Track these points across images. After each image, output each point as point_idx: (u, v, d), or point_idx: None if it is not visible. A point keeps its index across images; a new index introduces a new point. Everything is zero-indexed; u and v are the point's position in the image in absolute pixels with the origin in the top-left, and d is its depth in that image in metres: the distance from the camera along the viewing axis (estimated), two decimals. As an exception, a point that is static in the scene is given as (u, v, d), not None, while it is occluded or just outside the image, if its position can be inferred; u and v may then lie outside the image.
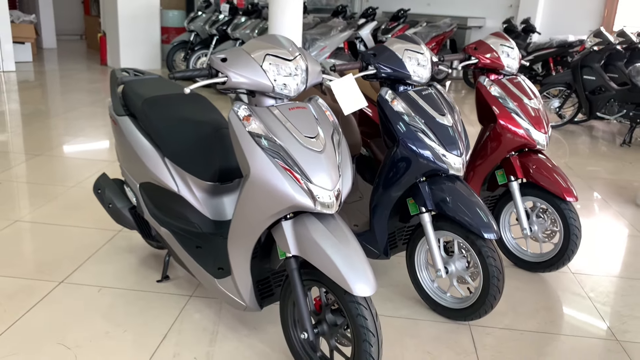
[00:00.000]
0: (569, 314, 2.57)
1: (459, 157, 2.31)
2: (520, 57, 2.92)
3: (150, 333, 2.26)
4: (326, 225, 1.85)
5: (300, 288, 1.89)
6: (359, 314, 1.78)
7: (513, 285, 2.81)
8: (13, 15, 8.92)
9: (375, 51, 2.36)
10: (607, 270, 3.03)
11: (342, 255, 1.77)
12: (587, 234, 3.52)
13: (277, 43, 1.90)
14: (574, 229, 2.73)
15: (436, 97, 2.40)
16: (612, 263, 3.13)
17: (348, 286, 1.74)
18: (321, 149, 1.84)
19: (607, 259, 3.17)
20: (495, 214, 3.02)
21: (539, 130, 2.76)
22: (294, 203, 1.77)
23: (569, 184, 2.73)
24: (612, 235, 3.52)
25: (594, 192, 4.34)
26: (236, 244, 1.95)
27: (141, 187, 2.45)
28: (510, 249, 3.00)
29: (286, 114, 1.85)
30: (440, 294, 2.51)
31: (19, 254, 2.84)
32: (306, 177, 1.78)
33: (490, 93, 2.80)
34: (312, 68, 1.96)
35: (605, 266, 3.08)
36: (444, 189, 2.32)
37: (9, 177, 3.92)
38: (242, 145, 1.80)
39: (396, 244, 2.63)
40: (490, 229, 2.24)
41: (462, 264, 2.41)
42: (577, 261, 3.12)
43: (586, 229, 3.60)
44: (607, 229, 3.62)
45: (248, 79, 1.82)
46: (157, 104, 2.43)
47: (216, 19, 7.77)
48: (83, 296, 2.50)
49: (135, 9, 8.94)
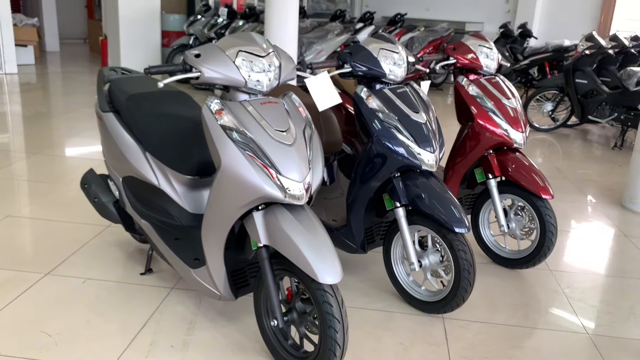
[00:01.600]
0: (543, 309, 2.62)
1: (432, 153, 2.37)
2: (499, 58, 2.98)
3: (130, 322, 2.33)
4: (295, 216, 1.91)
5: (271, 277, 1.96)
6: (324, 300, 1.84)
7: (491, 281, 2.86)
8: (16, 18, 9.05)
9: (351, 50, 2.43)
10: (585, 268, 3.08)
11: (309, 245, 1.84)
12: (570, 233, 3.57)
13: (250, 40, 1.98)
14: (549, 226, 2.78)
15: (411, 96, 2.46)
16: (592, 261, 3.17)
17: (314, 274, 1.80)
18: (291, 142, 1.90)
19: (586, 257, 3.22)
20: (474, 211, 3.08)
21: (516, 129, 2.82)
22: (263, 194, 1.84)
23: (546, 182, 2.79)
24: (594, 235, 3.56)
25: (581, 193, 4.38)
26: (209, 235, 2.01)
27: (124, 181, 2.52)
28: (489, 245, 3.06)
29: (258, 108, 1.92)
30: (415, 288, 2.57)
31: (8, 247, 2.91)
32: (276, 169, 1.84)
33: (468, 93, 2.86)
34: (286, 65, 2.03)
35: (584, 264, 3.13)
36: (417, 185, 2.38)
37: (5, 174, 4.00)
38: (214, 138, 1.87)
39: (374, 239, 2.69)
40: (462, 224, 2.30)
41: (436, 257, 2.46)
42: (556, 258, 3.17)
43: (569, 228, 3.65)
44: (590, 228, 3.67)
45: (221, 74, 1.89)
46: (141, 101, 2.50)
47: (215, 22, 7.87)
48: (68, 287, 2.57)
49: (136, 13, 9.04)
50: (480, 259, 3.09)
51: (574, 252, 3.29)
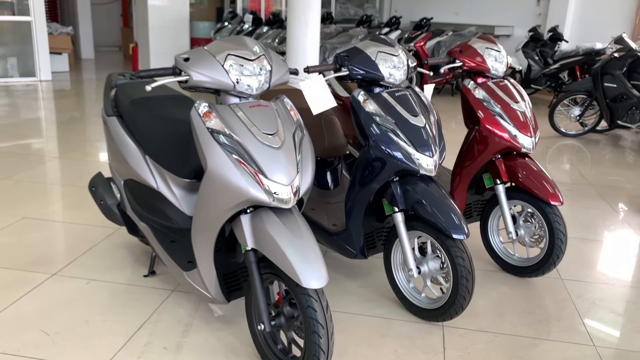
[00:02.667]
0: (549, 319, 2.54)
1: (430, 157, 2.33)
2: (508, 60, 2.91)
3: (128, 323, 2.36)
4: (282, 220, 1.90)
5: (258, 280, 1.95)
6: (309, 305, 1.83)
7: (498, 289, 2.79)
8: (51, 27, 9.36)
9: (348, 53, 2.41)
10: (599, 277, 2.97)
11: (294, 249, 1.82)
12: (587, 240, 3.45)
13: (240, 44, 1.98)
14: (558, 233, 2.69)
15: (410, 99, 2.42)
16: (606, 271, 3.06)
17: (298, 278, 1.79)
18: (279, 145, 1.90)
19: (601, 267, 3.10)
20: (483, 217, 3.01)
21: (524, 133, 2.74)
22: (248, 197, 1.84)
23: (555, 188, 2.70)
24: (612, 243, 3.43)
25: (604, 200, 4.24)
26: (199, 237, 2.02)
27: (125, 184, 2.56)
28: (498, 253, 2.98)
29: (246, 111, 1.92)
30: (415, 295, 2.52)
31: (19, 248, 2.99)
32: (262, 172, 1.84)
33: (475, 96, 2.81)
34: (277, 68, 2.03)
35: (598, 273, 3.02)
36: (415, 189, 2.34)
37: (26, 177, 4.12)
38: (201, 140, 1.88)
39: (375, 244, 2.66)
40: (460, 230, 2.25)
41: (435, 264, 2.41)
42: (569, 267, 3.06)
43: (587, 235, 3.52)
44: (609, 236, 3.54)
45: (209, 77, 1.90)
46: (144, 105, 2.54)
47: (241, 29, 7.96)
48: (71, 288, 2.62)
49: (165, 21, 9.24)
50: (489, 266, 3.02)
51: (589, 260, 3.17)
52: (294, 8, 6.20)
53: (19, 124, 5.78)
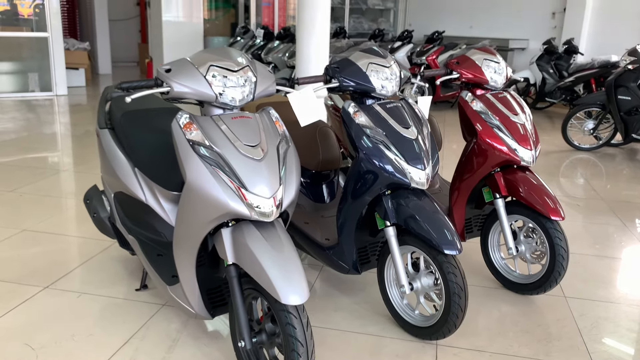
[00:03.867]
0: (549, 338, 2.44)
1: (422, 170, 2.27)
2: (508, 72, 2.85)
3: (114, 338, 2.33)
4: (263, 233, 1.86)
5: (239, 296, 1.91)
6: (288, 322, 1.78)
7: (497, 307, 2.70)
8: (68, 43, 9.52)
9: (339, 65, 2.38)
10: (604, 295, 2.86)
11: (274, 263, 1.78)
12: (593, 257, 3.34)
13: (224, 55, 1.96)
14: (559, 249, 2.60)
15: (402, 111, 2.37)
16: (612, 289, 2.95)
17: (277, 294, 1.74)
18: (261, 157, 1.86)
19: (607, 284, 3.00)
20: (483, 232, 2.93)
21: (524, 146, 2.67)
22: (228, 210, 1.80)
23: (556, 203, 2.62)
24: (620, 260, 3.32)
25: (615, 215, 4.12)
26: (180, 251, 1.99)
27: (115, 196, 2.55)
28: (498, 269, 2.90)
29: (228, 122, 1.90)
30: (408, 311, 2.45)
31: (16, 260, 3.00)
32: (242, 184, 1.80)
33: (472, 108, 2.74)
34: (263, 80, 2.00)
35: (603, 291, 2.91)
36: (407, 203, 2.29)
37: (32, 189, 4.15)
38: (180, 152, 1.85)
39: (369, 259, 2.60)
40: (452, 245, 2.18)
41: (429, 280, 2.35)
42: (573, 284, 2.96)
43: (594, 252, 3.41)
44: (617, 253, 3.42)
45: (191, 89, 1.88)
46: (135, 117, 2.53)
47: (252, 43, 8.00)
48: (62, 301, 2.60)
49: (179, 36, 9.34)
50: (490, 283, 2.93)
51: (595, 277, 3.07)
52: (303, 22, 6.20)
53: (32, 137, 5.85)
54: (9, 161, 4.91)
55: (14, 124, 6.46)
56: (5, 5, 9.09)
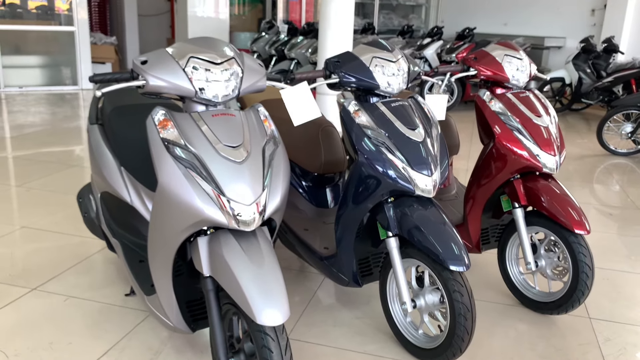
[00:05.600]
0: (568, 366, 2.20)
1: (429, 177, 2.05)
2: (532, 70, 2.60)
3: (94, 347, 2.18)
4: (242, 244, 1.68)
5: (216, 311, 1.73)
6: (264, 345, 1.59)
7: (514, 326, 2.46)
8: (95, 37, 9.54)
9: (340, 59, 2.17)
10: (634, 318, 2.59)
11: (252, 279, 1.60)
12: (626, 274, 3.05)
13: (207, 46, 1.79)
14: (583, 266, 2.35)
15: (409, 110, 2.16)
16: (645, 310, 2.67)
17: (252, 313, 1.56)
18: (242, 159, 1.68)
19: (639, 305, 2.71)
20: (501, 244, 2.69)
21: (547, 151, 2.42)
22: (202, 217, 1.63)
23: (581, 215, 2.36)
24: (656, 278, 3.03)
25: (652, 227, 3.80)
26: (155, 259, 1.83)
27: (101, 197, 2.41)
28: (516, 284, 2.65)
29: (208, 120, 1.72)
30: (411, 330, 2.23)
31: (9, 259, 2.89)
32: (219, 188, 1.63)
33: (490, 108, 2.51)
34: (250, 74, 1.82)
35: (634, 313, 2.64)
36: (410, 212, 2.07)
37: (39, 185, 4.07)
38: (153, 152, 1.68)
39: (371, 271, 2.39)
40: (459, 261, 1.96)
41: (434, 298, 2.13)
42: (601, 304, 2.69)
43: (626, 268, 3.12)
44: (652, 269, 3.13)
45: (168, 82, 1.71)
46: (125, 113, 2.39)
47: (276, 39, 7.85)
48: (47, 305, 2.48)
49: (205, 32, 9.25)
50: (507, 299, 2.69)
51: (625, 297, 2.79)
52: (326, 17, 6.00)
53: (51, 131, 5.81)
54: (24, 155, 4.86)
55: (37, 117, 6.45)
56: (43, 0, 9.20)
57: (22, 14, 9.14)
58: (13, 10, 9.14)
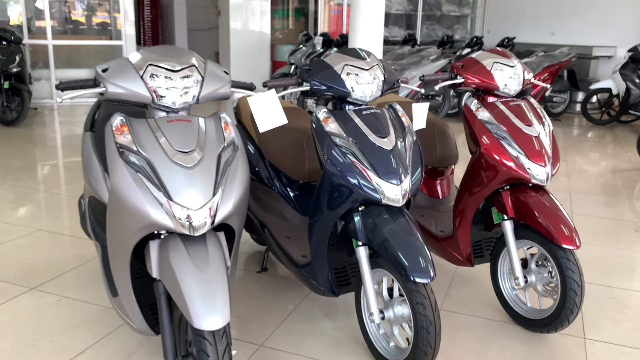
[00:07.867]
0: (548, 387, 2.09)
1: (396, 186, 2.01)
2: (525, 76, 2.50)
3: (72, 346, 2.26)
4: (190, 249, 1.70)
5: (166, 315, 1.76)
6: (201, 349, 1.60)
7: (504, 345, 2.36)
8: (143, 51, 9.92)
9: (312, 66, 2.17)
10: (633, 339, 2.43)
11: (194, 283, 1.61)
12: (637, 293, 2.87)
13: (167, 54, 1.83)
14: (571, 282, 2.23)
15: (381, 118, 2.12)
16: (650, 332, 2.50)
17: (190, 317, 1.57)
18: (192, 164, 1.71)
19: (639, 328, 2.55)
20: (493, 258, 2.59)
21: (536, 162, 2.32)
22: (149, 221, 1.66)
23: (571, 229, 2.25)
24: (671, 299, 2.83)
25: (680, 245, 3.56)
26: (114, 262, 1.87)
27: (88, 201, 2.49)
28: (507, 300, 2.55)
29: (162, 126, 1.76)
30: (382, 342, 2.19)
31: (18, 259, 3.04)
32: (167, 193, 1.66)
33: (476, 117, 2.43)
34: (212, 81, 1.85)
35: (633, 334, 2.47)
36: (378, 221, 2.04)
37: (64, 190, 4.26)
38: (107, 156, 1.74)
39: (348, 281, 2.36)
40: (423, 272, 1.91)
41: (403, 309, 2.08)
42: (600, 324, 2.54)
43: (632, 286, 2.94)
44: (669, 290, 2.93)
45: (125, 89, 1.77)
46: (114, 121, 2.46)
47: (312, 51, 7.92)
48: (40, 304, 2.58)
49: (247, 45, 9.50)
50: (500, 316, 2.59)
51: (630, 318, 2.62)
52: (355, 28, 6.03)
53: (87, 140, 6.07)
54: (60, 163, 5.11)
55: (81, 128, 6.77)
56: (106, 18, 9.73)
57: (84, 30, 9.68)
58: (76, 26, 9.70)
